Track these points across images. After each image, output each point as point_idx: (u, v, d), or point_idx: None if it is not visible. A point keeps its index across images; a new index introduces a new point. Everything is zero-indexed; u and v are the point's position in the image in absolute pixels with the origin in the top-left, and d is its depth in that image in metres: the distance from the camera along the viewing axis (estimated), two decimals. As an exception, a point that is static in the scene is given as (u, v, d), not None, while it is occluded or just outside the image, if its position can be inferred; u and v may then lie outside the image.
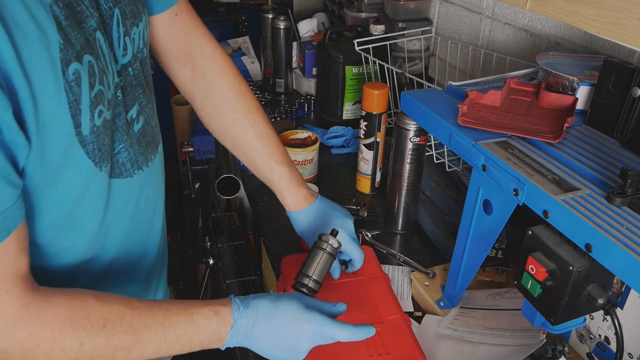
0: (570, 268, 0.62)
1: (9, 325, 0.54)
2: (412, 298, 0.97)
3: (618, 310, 0.70)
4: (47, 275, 0.64)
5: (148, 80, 0.74)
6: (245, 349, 0.69)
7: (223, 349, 0.68)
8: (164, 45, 0.85)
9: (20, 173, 0.54)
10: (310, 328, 0.68)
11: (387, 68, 1.34)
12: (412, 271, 1.00)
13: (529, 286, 0.68)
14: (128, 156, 0.68)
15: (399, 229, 1.15)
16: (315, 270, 0.78)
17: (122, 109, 0.66)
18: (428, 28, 1.51)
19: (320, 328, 0.69)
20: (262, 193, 1.29)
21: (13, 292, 0.54)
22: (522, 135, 0.75)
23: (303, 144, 1.34)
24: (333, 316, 0.72)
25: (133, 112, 0.69)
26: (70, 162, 0.58)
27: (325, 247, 0.79)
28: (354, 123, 1.52)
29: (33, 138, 0.53)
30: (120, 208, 0.70)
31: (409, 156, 1.06)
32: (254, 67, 1.91)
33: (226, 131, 0.91)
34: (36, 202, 0.58)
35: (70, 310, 0.57)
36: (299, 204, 0.90)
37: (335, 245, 0.79)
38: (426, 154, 1.10)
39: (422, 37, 1.51)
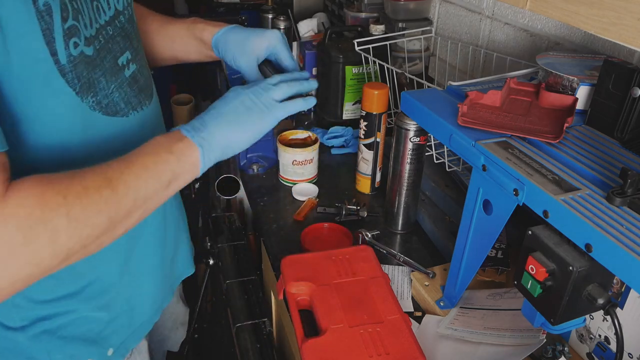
0: (570, 268, 0.62)
1: None
2: (412, 298, 0.97)
3: (618, 310, 0.70)
4: None
5: (137, 36, 0.79)
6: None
7: (204, 163, 0.69)
8: None
9: None
10: (251, 90, 0.74)
11: (387, 68, 1.34)
12: (412, 271, 1.00)
13: (529, 286, 0.68)
14: (120, 96, 0.72)
15: (399, 229, 1.15)
16: None
17: (110, 54, 0.70)
18: (428, 28, 1.51)
19: (259, 85, 0.75)
20: (262, 193, 1.29)
21: None
22: (522, 135, 0.75)
23: (303, 144, 1.34)
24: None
25: (123, 59, 0.73)
26: (52, 91, 0.61)
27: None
28: (354, 123, 1.51)
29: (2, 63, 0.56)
30: (121, 147, 0.71)
31: (409, 156, 1.06)
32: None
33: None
34: (25, 129, 0.61)
35: (41, 177, 0.57)
36: (221, 26, 0.91)
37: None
38: (426, 154, 1.10)
39: (422, 37, 1.51)
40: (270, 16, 1.76)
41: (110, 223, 0.60)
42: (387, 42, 1.42)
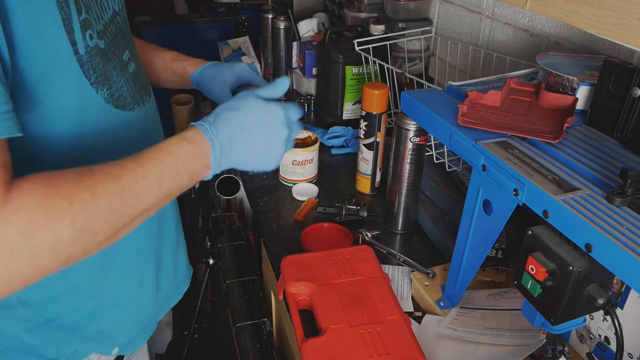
0: (570, 268, 0.62)
1: None
2: (412, 298, 0.97)
3: (618, 310, 0.70)
4: None
5: (131, 38, 0.82)
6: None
7: (210, 176, 0.70)
8: None
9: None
10: (280, 114, 0.72)
11: (387, 68, 1.34)
12: (412, 271, 1.00)
13: (529, 286, 0.68)
14: (128, 90, 0.75)
15: (399, 229, 1.15)
16: None
17: (117, 50, 0.73)
18: (428, 28, 1.51)
19: (283, 109, 0.73)
20: (262, 193, 1.29)
21: None
22: (522, 135, 0.75)
23: (303, 144, 1.34)
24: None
25: (126, 56, 0.76)
26: (70, 81, 0.63)
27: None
28: (354, 123, 1.51)
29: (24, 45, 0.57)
30: (128, 140, 0.75)
31: (409, 156, 1.06)
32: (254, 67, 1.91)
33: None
34: (41, 118, 0.62)
35: (44, 178, 0.55)
36: (199, 63, 1.00)
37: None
38: (426, 154, 1.10)
39: (422, 37, 1.51)
40: (270, 16, 1.76)
41: (114, 231, 0.59)
42: (387, 42, 1.42)
